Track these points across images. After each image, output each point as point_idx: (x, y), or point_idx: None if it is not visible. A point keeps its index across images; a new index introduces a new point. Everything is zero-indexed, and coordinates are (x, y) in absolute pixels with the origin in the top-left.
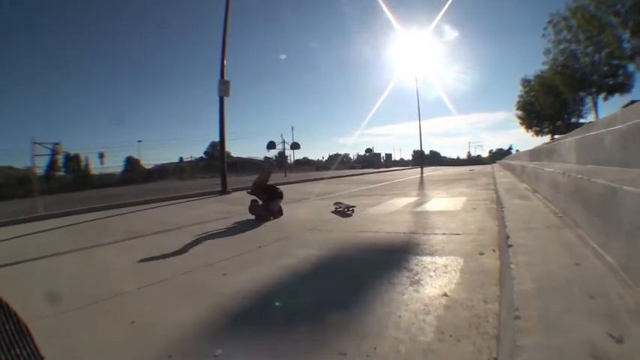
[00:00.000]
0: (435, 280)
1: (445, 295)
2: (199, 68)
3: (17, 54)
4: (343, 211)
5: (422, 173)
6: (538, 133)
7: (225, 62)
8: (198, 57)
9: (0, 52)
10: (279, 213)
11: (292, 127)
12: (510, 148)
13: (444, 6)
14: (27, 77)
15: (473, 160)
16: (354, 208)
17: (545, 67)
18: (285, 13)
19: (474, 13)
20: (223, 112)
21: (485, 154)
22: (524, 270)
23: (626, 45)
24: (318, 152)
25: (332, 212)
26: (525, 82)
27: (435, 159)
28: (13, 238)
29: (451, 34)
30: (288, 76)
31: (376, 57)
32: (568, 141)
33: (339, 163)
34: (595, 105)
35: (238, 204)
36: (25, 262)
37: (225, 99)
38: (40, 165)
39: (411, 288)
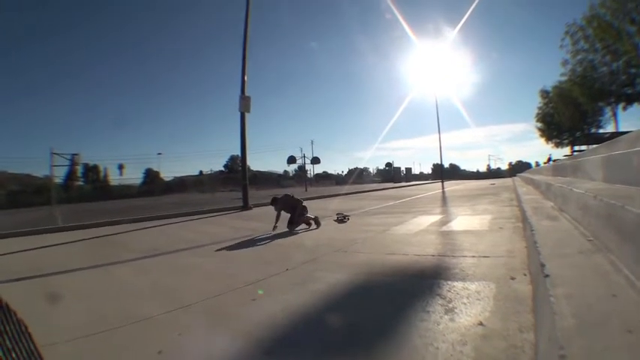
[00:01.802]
0: (470, 307)
1: (481, 324)
2: (220, 80)
3: (39, 64)
4: (341, 220)
5: (443, 188)
6: (558, 144)
7: (245, 78)
8: (219, 69)
9: (21, 62)
10: (316, 223)
11: (312, 142)
12: (529, 165)
13: (462, 19)
14: (47, 86)
15: (493, 174)
16: (349, 217)
17: (564, 79)
18: (305, 27)
19: (492, 25)
20: (245, 128)
21: (504, 167)
22: (564, 303)
23: None
24: (337, 166)
25: (334, 220)
26: (544, 94)
27: (454, 172)
28: (31, 249)
29: (470, 46)
30: (308, 89)
31: (394, 70)
32: (594, 158)
33: (358, 177)
34: (614, 115)
35: (261, 221)
36: (42, 277)
37: (247, 114)
38: (59, 174)
39: (446, 317)
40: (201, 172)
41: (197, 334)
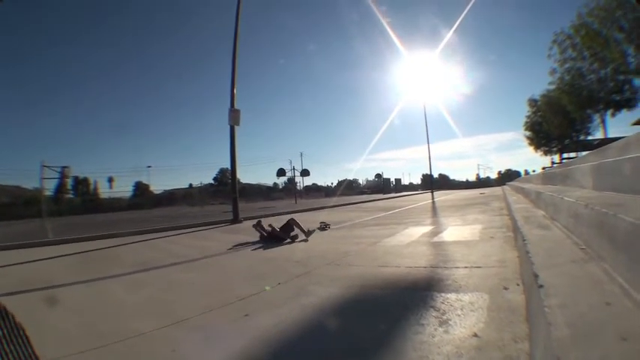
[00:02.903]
0: (464, 319)
1: (475, 335)
2: (209, 94)
3: (29, 76)
4: (324, 228)
5: (433, 198)
6: (547, 152)
7: (235, 91)
8: (208, 83)
9: (12, 74)
10: (308, 234)
11: (301, 154)
12: (519, 173)
13: (450, 30)
14: (38, 99)
15: (482, 183)
16: (330, 225)
17: (552, 87)
18: (294, 41)
19: (480, 35)
20: (234, 141)
21: (494, 176)
22: (558, 313)
23: (632, 60)
24: (327, 178)
25: (317, 228)
26: (532, 102)
27: (444, 182)
28: (20, 263)
29: (458, 56)
30: (298, 101)
31: (383, 82)
32: (584, 166)
33: (347, 189)
34: (603, 122)
35: (251, 234)
36: (32, 292)
37: (236, 127)
38: (49, 187)
39: (440, 329)
40: (191, 185)
41: (191, 350)
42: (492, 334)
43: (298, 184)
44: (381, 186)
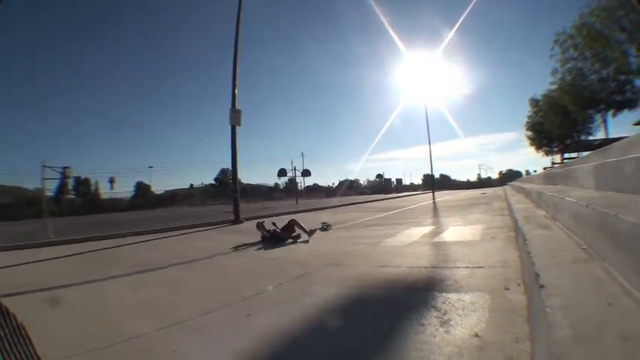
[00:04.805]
0: (465, 319)
1: (477, 335)
2: (210, 94)
3: (29, 76)
4: (325, 229)
5: (434, 198)
6: (548, 152)
7: (236, 91)
8: (210, 82)
9: (11, 74)
10: (310, 234)
11: (302, 154)
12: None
13: (451, 29)
14: (38, 100)
15: (483, 183)
16: (331, 226)
17: (554, 87)
18: (295, 40)
19: (482, 35)
20: (235, 141)
21: (495, 176)
22: (560, 314)
23: (633, 60)
24: (327, 178)
25: (319, 229)
26: (534, 102)
27: (445, 182)
28: (21, 264)
29: (459, 56)
30: (298, 102)
31: (384, 82)
32: (585, 167)
33: (349, 189)
34: (604, 122)
35: (252, 235)
36: (33, 292)
37: (237, 127)
38: (50, 187)
39: (441, 329)
40: (192, 185)
41: (192, 350)
42: (494, 335)
43: (299, 185)
44: (382, 186)
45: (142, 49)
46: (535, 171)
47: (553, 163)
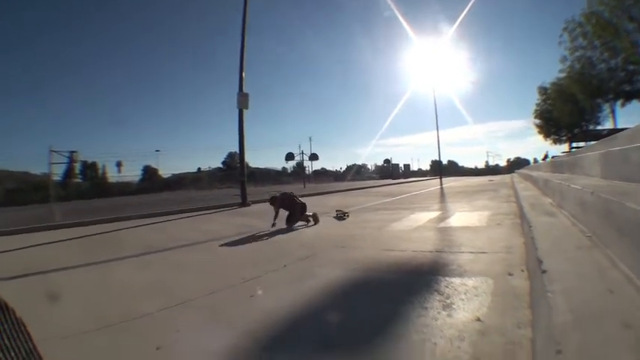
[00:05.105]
0: (467, 303)
1: (478, 319)
2: (218, 77)
3: (36, 61)
4: (341, 217)
5: (441, 184)
6: (556, 141)
7: (243, 75)
8: (218, 65)
9: (18, 59)
10: (315, 220)
11: (310, 138)
12: (528, 161)
13: (460, 15)
14: (44, 84)
15: (491, 170)
16: (348, 214)
17: (562, 75)
18: (303, 23)
19: (491, 21)
20: (242, 125)
21: (503, 164)
22: (560, 299)
23: None
24: (335, 163)
25: (333, 217)
26: (542, 90)
27: (452, 169)
28: (29, 247)
29: (468, 42)
30: (306, 86)
31: (393, 67)
32: (592, 155)
33: (356, 173)
34: (613, 112)
35: (259, 217)
36: (40, 274)
37: (245, 111)
38: (57, 172)
39: (443, 313)
40: (199, 169)
41: (195, 330)
42: (495, 319)
43: (307, 169)
44: (390, 171)
45: (150, 29)
46: (545, 158)
47: (563, 152)
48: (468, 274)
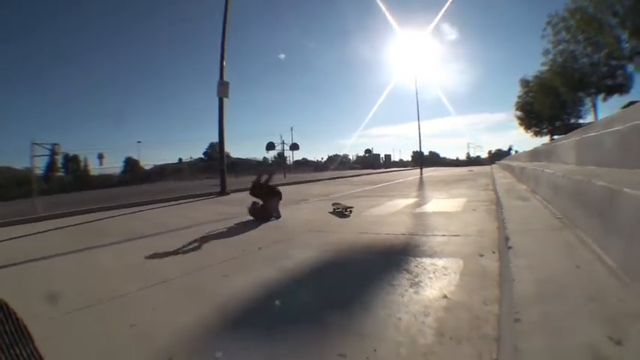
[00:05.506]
0: (435, 282)
1: (445, 297)
2: (199, 68)
3: (17, 54)
4: (341, 212)
5: (421, 174)
6: (537, 133)
7: (224, 64)
8: (198, 57)
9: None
10: (276, 214)
11: (292, 128)
12: (510, 149)
13: (443, 7)
14: (26, 77)
15: (472, 161)
16: (352, 209)
17: (545, 68)
18: (285, 13)
19: (472, 13)
20: (222, 114)
21: (484, 155)
22: (525, 272)
23: (625, 45)
24: (318, 153)
25: (330, 213)
26: (524, 83)
27: (434, 160)
28: (12, 239)
29: (450, 34)
30: (288, 76)
31: (375, 58)
32: (567, 142)
33: (338, 164)
34: (594, 106)
35: (237, 205)
36: (23, 264)
37: (225, 100)
38: (40, 165)
39: (411, 290)
40: (180, 159)
41: (171, 308)
42: (462, 297)
43: (288, 159)
44: (371, 161)
45: (130, 23)
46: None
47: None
48: (439, 254)
